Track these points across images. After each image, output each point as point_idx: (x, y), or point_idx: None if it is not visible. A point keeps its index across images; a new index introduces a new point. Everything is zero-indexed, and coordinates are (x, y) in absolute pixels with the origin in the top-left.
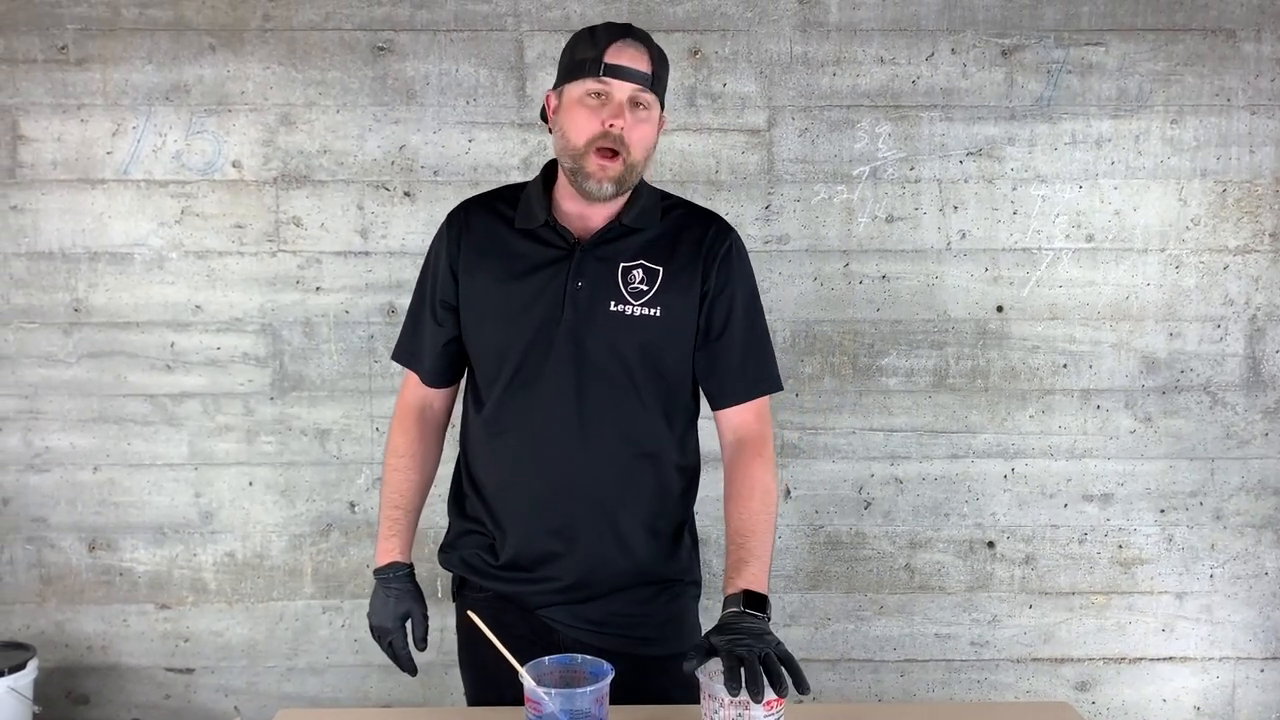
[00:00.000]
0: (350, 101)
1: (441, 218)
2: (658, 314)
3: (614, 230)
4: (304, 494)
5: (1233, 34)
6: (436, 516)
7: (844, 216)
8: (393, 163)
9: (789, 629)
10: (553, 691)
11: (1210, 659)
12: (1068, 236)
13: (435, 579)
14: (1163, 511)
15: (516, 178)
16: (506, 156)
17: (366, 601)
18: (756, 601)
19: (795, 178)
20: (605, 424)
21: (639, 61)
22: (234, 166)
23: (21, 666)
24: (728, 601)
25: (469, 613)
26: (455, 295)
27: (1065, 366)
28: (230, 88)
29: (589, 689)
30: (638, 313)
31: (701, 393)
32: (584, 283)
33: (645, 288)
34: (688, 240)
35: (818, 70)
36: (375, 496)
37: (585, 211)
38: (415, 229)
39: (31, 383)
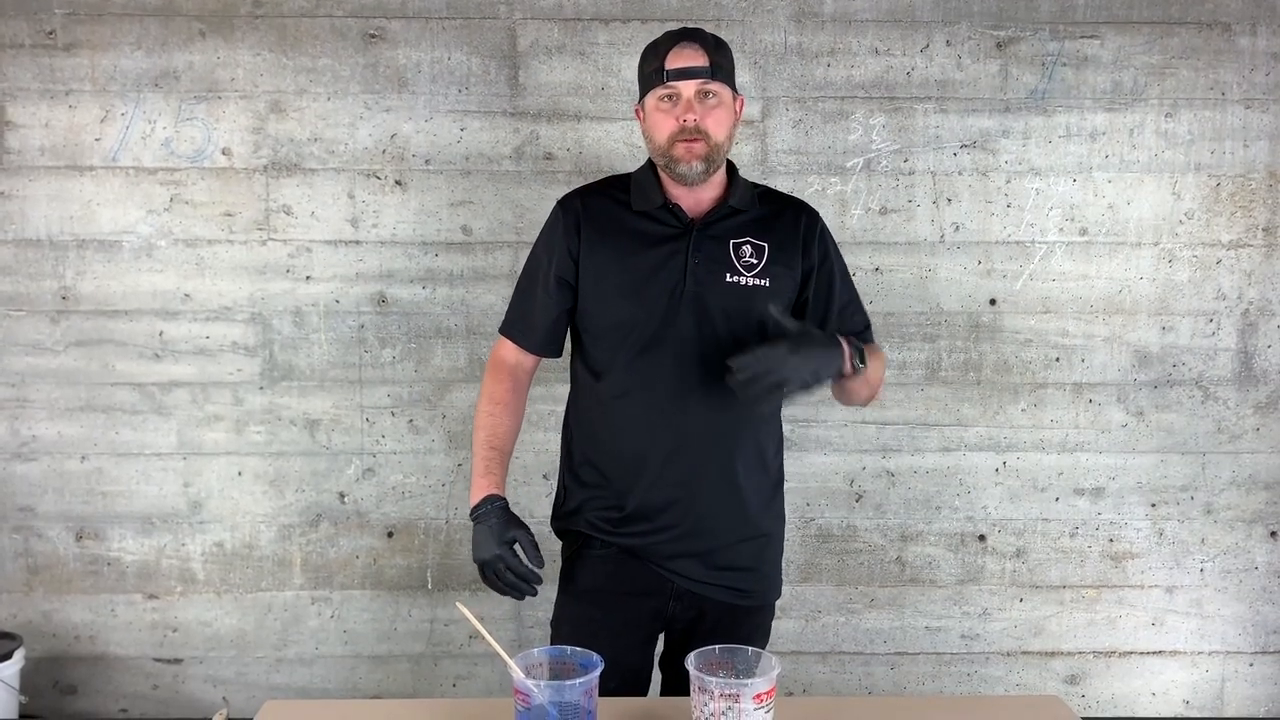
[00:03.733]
0: (341, 89)
1: (433, 207)
2: (768, 284)
3: (722, 210)
4: (293, 484)
5: (1228, 28)
6: (427, 508)
7: (837, 208)
8: (384, 151)
9: (779, 621)
10: (541, 683)
11: (1200, 653)
12: (1061, 230)
13: (425, 570)
14: (1154, 505)
15: (509, 167)
16: (499, 145)
17: (356, 593)
18: (859, 353)
19: (789, 169)
20: (724, 386)
21: (697, 59)
22: (224, 154)
23: (8, 656)
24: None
25: (458, 605)
26: (574, 273)
27: (1057, 360)
28: (220, 74)
29: (578, 681)
30: (751, 283)
31: None
32: (701, 257)
33: (755, 261)
34: (785, 221)
35: (812, 61)
36: (364, 488)
37: (695, 196)
38: (406, 218)
39: (18, 371)
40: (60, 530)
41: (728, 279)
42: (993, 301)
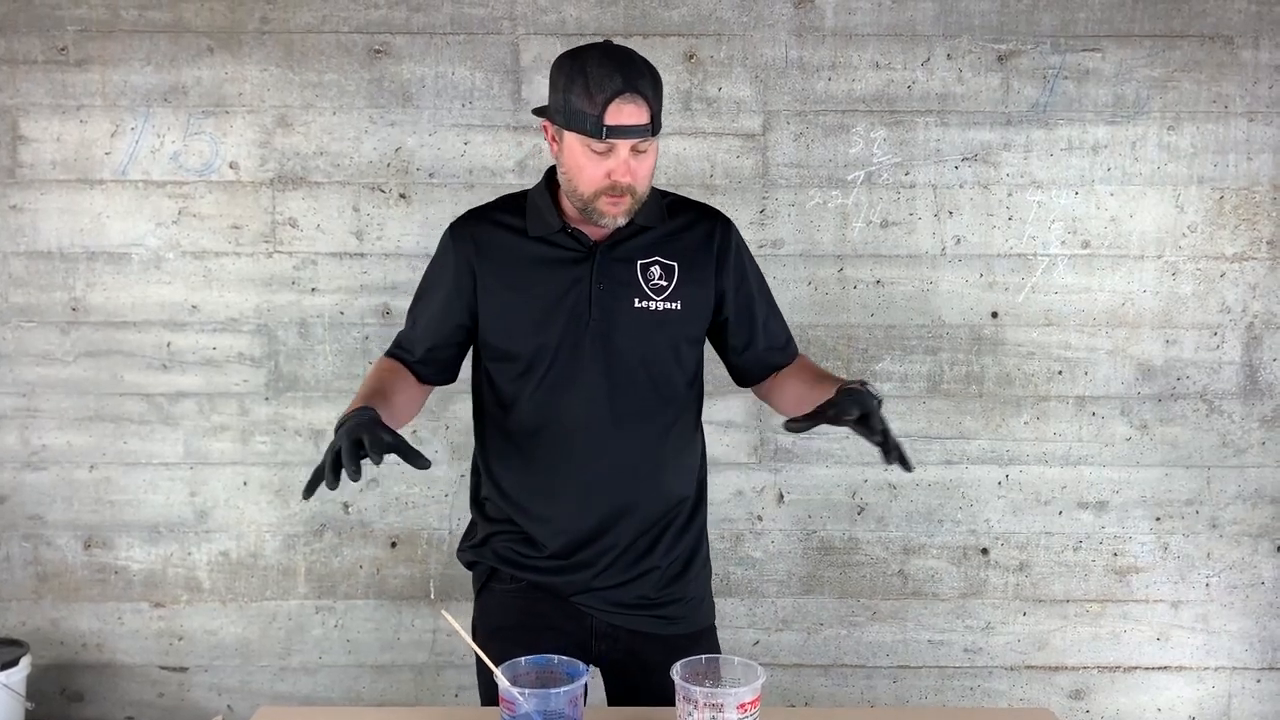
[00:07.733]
0: (347, 104)
1: (437, 220)
2: (679, 307)
3: (626, 230)
4: (298, 494)
5: (1230, 40)
6: (430, 519)
7: (839, 221)
8: (389, 165)
9: (781, 634)
10: (526, 692)
11: (1206, 668)
12: (1063, 243)
13: (428, 580)
14: (1158, 519)
15: (512, 180)
16: (502, 159)
17: (359, 602)
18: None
19: (790, 182)
20: (635, 417)
21: (638, 115)
22: (231, 168)
23: (15, 663)
24: (841, 388)
25: (444, 614)
26: (475, 308)
27: (1060, 373)
28: (228, 89)
29: (563, 689)
30: (661, 307)
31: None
32: (606, 283)
33: (665, 283)
34: (696, 236)
35: (813, 75)
36: (368, 498)
37: None
38: (411, 231)
39: (29, 381)
40: (68, 539)
41: (635, 304)
42: (994, 314)
